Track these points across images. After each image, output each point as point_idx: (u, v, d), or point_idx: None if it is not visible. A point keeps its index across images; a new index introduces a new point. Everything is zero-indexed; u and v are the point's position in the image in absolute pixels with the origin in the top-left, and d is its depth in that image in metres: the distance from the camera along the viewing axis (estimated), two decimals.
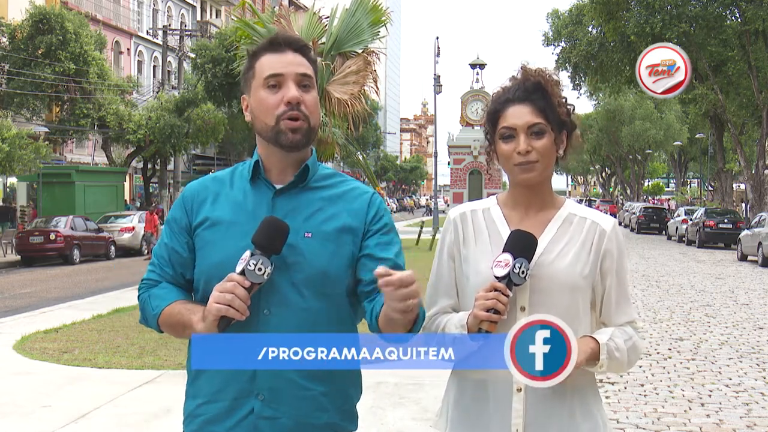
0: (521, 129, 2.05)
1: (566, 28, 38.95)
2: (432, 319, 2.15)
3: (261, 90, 2.04)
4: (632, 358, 2.11)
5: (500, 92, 2.14)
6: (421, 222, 34.74)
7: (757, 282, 17.28)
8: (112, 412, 6.14)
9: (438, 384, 6.67)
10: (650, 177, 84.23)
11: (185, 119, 32.99)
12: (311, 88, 2.06)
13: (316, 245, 1.99)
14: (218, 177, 2.16)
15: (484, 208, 2.19)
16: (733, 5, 30.62)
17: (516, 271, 1.95)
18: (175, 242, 2.10)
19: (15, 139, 24.62)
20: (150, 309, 2.06)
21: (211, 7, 54.08)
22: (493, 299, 1.93)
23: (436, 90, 46.92)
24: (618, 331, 2.10)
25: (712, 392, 7.03)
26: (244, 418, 1.97)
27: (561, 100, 2.10)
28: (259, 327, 1.95)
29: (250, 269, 1.86)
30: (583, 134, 2.28)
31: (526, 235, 2.01)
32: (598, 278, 2.10)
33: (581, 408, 2.07)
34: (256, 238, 1.90)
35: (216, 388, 2.00)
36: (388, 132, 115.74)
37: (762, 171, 32.21)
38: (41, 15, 29.93)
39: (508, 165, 2.09)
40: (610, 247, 2.10)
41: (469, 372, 2.09)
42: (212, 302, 1.87)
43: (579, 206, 2.19)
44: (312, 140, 2.08)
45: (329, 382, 2.00)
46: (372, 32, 12.74)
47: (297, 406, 1.97)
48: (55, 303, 13.39)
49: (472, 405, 2.09)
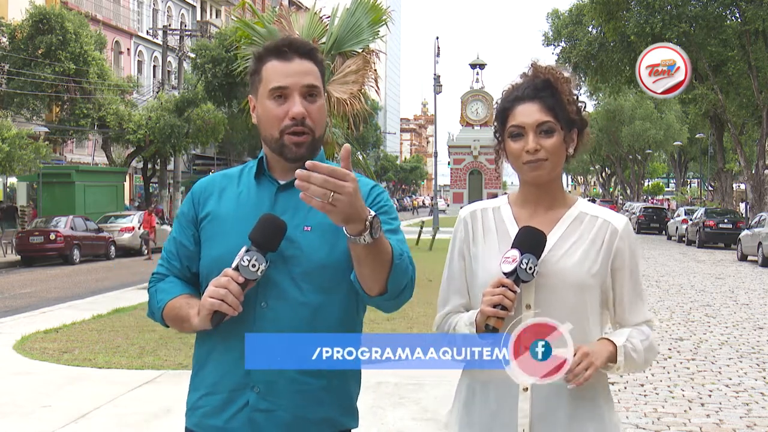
0: (530, 127, 2.03)
1: (566, 28, 38.96)
2: (445, 319, 2.15)
3: (267, 100, 2.04)
4: (649, 358, 2.10)
5: (510, 90, 2.12)
6: (421, 222, 34.70)
7: (757, 282, 17.28)
8: (112, 412, 6.14)
9: (438, 384, 6.67)
10: (650, 177, 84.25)
11: (185, 119, 32.96)
12: (318, 96, 2.06)
13: (315, 239, 1.99)
14: (228, 174, 2.19)
15: (495, 207, 2.18)
16: (733, 5, 30.63)
17: (523, 267, 1.94)
18: (182, 236, 2.13)
19: (15, 139, 24.62)
20: (155, 302, 2.10)
21: (211, 7, 54.08)
22: (500, 295, 1.92)
23: (436, 90, 46.88)
24: (635, 331, 2.08)
25: (712, 392, 7.03)
26: (240, 410, 1.99)
27: (571, 98, 2.08)
28: (255, 320, 1.97)
29: (243, 265, 1.87)
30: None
31: (535, 231, 1.99)
32: (610, 277, 2.08)
33: (590, 409, 2.05)
34: (253, 235, 1.91)
35: (215, 380, 2.02)
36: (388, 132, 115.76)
37: (762, 171, 32.22)
38: (41, 15, 29.91)
39: (517, 163, 2.08)
40: (621, 245, 2.08)
41: (478, 372, 2.08)
42: (206, 297, 1.90)
43: (591, 205, 2.17)
44: (317, 150, 2.08)
45: (327, 377, 2.00)
46: (372, 31, 12.75)
47: (293, 399, 1.98)
48: (55, 303, 13.39)
49: (480, 405, 2.09)
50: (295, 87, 2.01)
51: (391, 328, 9.58)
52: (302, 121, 2.00)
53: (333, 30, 12.66)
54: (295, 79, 2.01)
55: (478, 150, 67.14)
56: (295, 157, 2.02)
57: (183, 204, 2.18)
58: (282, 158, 2.04)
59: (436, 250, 23.08)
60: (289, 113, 2.00)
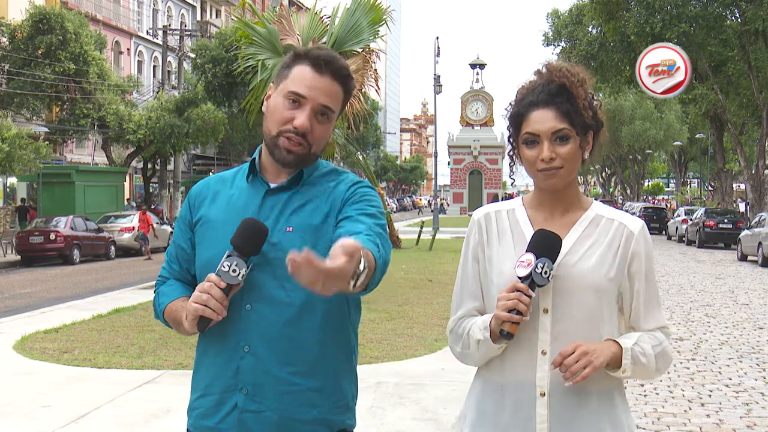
0: (545, 135, 1.98)
1: (566, 28, 38.97)
2: (458, 323, 2.12)
3: (282, 97, 2.04)
4: (660, 365, 2.04)
5: (524, 92, 2.07)
6: (421, 222, 34.70)
7: (757, 282, 17.28)
8: (112, 412, 6.14)
9: (438, 384, 6.66)
10: (650, 177, 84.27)
11: (185, 119, 32.95)
12: (329, 120, 2.06)
13: (296, 239, 1.99)
14: (223, 176, 2.21)
15: (509, 209, 2.14)
16: (733, 5, 30.63)
17: (538, 271, 1.91)
18: (181, 239, 2.18)
19: (15, 139, 24.61)
20: (157, 305, 2.15)
21: (211, 7, 54.08)
22: (515, 299, 1.89)
23: (436, 90, 46.88)
24: (646, 336, 2.03)
25: (712, 392, 7.03)
26: (230, 412, 2.01)
27: (587, 102, 2.02)
28: (240, 322, 1.98)
29: (224, 270, 1.89)
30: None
31: (550, 234, 1.96)
32: (626, 282, 2.04)
33: (608, 414, 2.01)
34: (234, 240, 1.93)
35: (207, 382, 2.06)
36: (388, 132, 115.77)
37: (762, 171, 32.22)
38: (41, 15, 29.92)
39: (532, 170, 2.04)
40: (637, 249, 2.04)
41: (492, 375, 2.06)
42: (190, 302, 1.93)
43: (607, 208, 2.13)
44: (308, 163, 2.09)
45: (319, 378, 2.01)
46: (371, 31, 12.76)
47: (281, 400, 1.98)
48: (55, 303, 13.39)
49: (493, 409, 2.05)
50: (312, 100, 2.02)
51: (392, 328, 9.58)
52: (303, 133, 2.01)
53: (333, 30, 12.67)
54: (315, 94, 2.01)
55: (478, 150, 67.16)
56: (283, 162, 2.05)
57: (182, 207, 2.22)
58: (272, 156, 2.07)
59: (436, 250, 23.08)
60: (294, 121, 2.01)
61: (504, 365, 2.02)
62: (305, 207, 2.05)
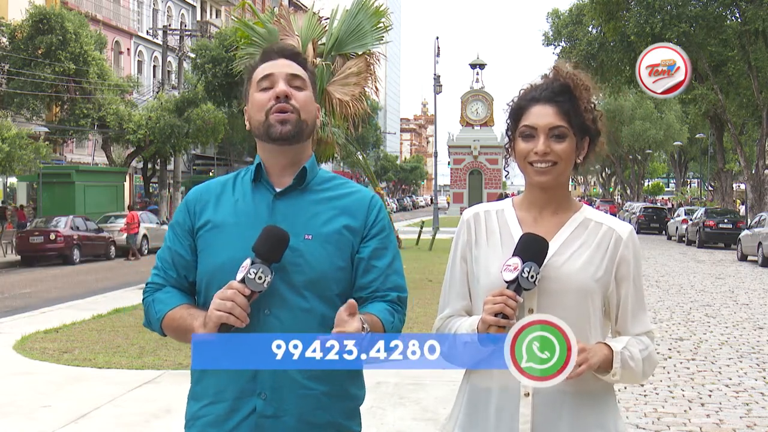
0: (542, 129, 2.00)
1: (566, 28, 38.97)
2: (445, 322, 2.12)
3: (255, 93, 2.10)
4: (647, 370, 2.05)
5: (528, 89, 2.08)
6: (421, 222, 34.70)
7: (757, 282, 17.28)
8: (112, 412, 6.14)
9: (438, 384, 6.67)
10: (650, 177, 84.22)
11: (185, 119, 32.93)
12: (303, 88, 2.10)
13: (317, 247, 2.01)
14: (222, 181, 2.19)
15: (498, 210, 2.14)
16: (733, 5, 30.61)
17: (525, 276, 1.91)
18: (178, 245, 2.12)
19: (15, 139, 24.59)
20: (153, 313, 2.09)
21: (211, 7, 54.06)
22: (501, 303, 1.89)
23: (436, 90, 46.90)
24: (634, 340, 2.04)
25: (712, 392, 7.03)
26: (246, 417, 1.99)
27: (588, 106, 2.03)
28: (259, 328, 1.97)
29: (250, 278, 1.88)
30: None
31: (537, 238, 1.96)
32: (613, 286, 2.05)
33: (593, 416, 2.01)
34: (257, 247, 1.91)
35: (219, 389, 2.02)
36: (388, 132, 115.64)
37: (762, 171, 32.20)
38: (41, 15, 29.89)
39: (523, 164, 2.04)
40: (626, 254, 2.05)
41: (478, 377, 2.06)
42: (213, 309, 1.89)
43: (596, 211, 2.14)
44: (306, 134, 2.10)
45: (330, 382, 2.01)
46: (375, 36, 12.79)
47: (299, 404, 1.98)
48: (55, 303, 13.39)
49: (480, 410, 2.06)
50: (279, 74, 2.08)
51: None
52: (285, 98, 2.05)
53: (333, 31, 12.67)
54: (279, 68, 2.09)
55: (478, 150, 67.15)
56: (280, 136, 2.04)
57: (177, 213, 2.16)
58: (270, 142, 2.07)
59: (435, 250, 23.08)
60: (274, 92, 2.05)
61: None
62: (320, 215, 2.06)
